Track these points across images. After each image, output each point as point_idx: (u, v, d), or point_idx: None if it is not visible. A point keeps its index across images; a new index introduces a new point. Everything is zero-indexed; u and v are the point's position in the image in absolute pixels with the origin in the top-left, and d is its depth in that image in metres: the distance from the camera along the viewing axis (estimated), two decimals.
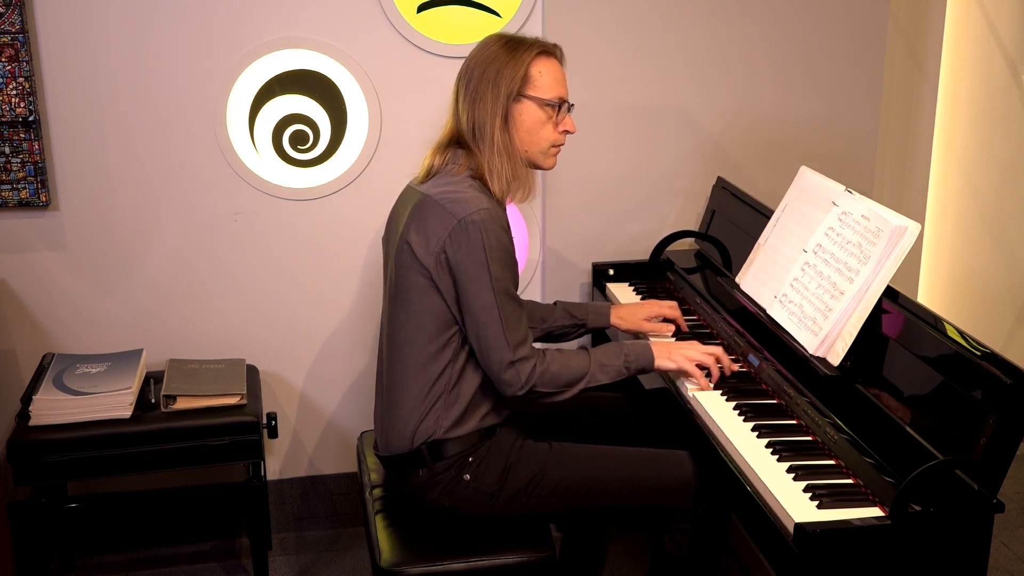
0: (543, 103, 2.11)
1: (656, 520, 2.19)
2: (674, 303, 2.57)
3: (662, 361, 2.20)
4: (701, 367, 2.22)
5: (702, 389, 2.19)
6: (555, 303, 2.53)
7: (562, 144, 2.18)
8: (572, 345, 3.06)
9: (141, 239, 2.81)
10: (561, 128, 2.15)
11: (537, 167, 2.18)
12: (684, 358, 2.20)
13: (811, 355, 2.14)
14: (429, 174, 2.14)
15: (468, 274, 2.01)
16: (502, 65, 2.08)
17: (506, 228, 2.05)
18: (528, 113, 2.10)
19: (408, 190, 2.21)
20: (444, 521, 2.14)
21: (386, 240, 2.25)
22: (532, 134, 2.12)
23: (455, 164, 2.11)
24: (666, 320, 2.54)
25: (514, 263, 2.06)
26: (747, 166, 3.03)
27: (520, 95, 2.09)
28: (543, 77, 2.10)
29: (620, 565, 2.81)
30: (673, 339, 2.49)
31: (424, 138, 2.81)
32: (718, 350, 2.24)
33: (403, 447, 2.12)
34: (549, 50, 2.13)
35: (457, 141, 2.13)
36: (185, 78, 2.72)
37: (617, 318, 2.53)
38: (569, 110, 2.16)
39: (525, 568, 2.07)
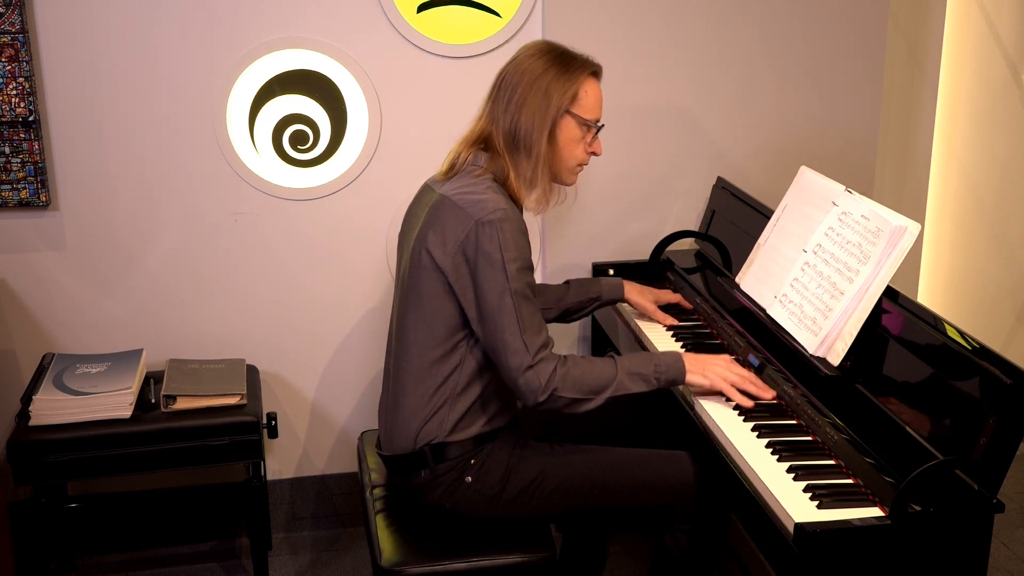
0: (583, 122, 2.12)
1: (657, 520, 2.19)
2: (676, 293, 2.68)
3: (694, 376, 2.12)
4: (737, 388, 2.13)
5: (743, 406, 2.10)
6: (567, 282, 2.57)
7: (586, 163, 2.19)
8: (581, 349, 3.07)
9: (141, 239, 2.81)
10: (591, 149, 2.17)
11: (559, 182, 2.19)
12: (718, 376, 2.12)
13: (811, 355, 2.14)
14: (452, 169, 2.13)
15: (485, 275, 1.98)
16: (554, 78, 2.08)
17: (523, 231, 2.03)
18: (568, 130, 2.12)
19: (426, 189, 2.20)
20: (445, 522, 2.14)
21: (401, 237, 2.24)
22: (566, 150, 2.13)
23: (477, 166, 2.10)
24: (670, 306, 2.64)
25: (530, 266, 2.04)
26: (747, 166, 3.03)
27: (567, 111, 2.10)
28: (588, 97, 2.12)
29: (620, 565, 2.81)
30: (673, 337, 2.50)
31: (424, 138, 2.83)
32: (751, 375, 2.17)
33: (406, 447, 2.12)
34: (598, 72, 2.17)
35: (484, 142, 2.13)
36: (185, 78, 2.72)
37: (630, 292, 2.59)
38: (599, 131, 2.17)
39: (525, 568, 2.07)
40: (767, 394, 2.14)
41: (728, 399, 2.13)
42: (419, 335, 2.09)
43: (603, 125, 2.17)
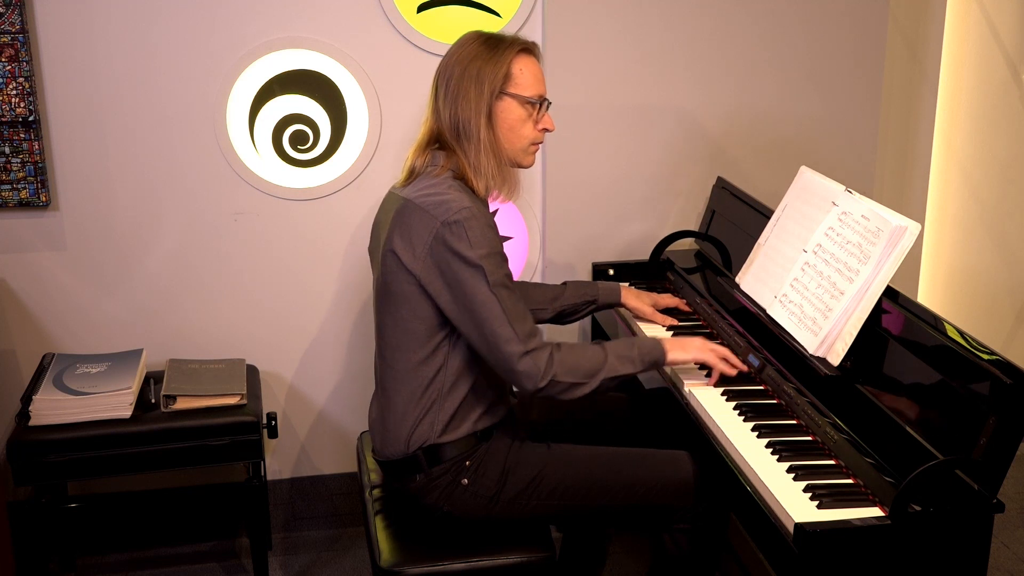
0: (524, 101, 2.10)
1: (656, 520, 2.18)
2: (675, 297, 2.68)
3: (675, 354, 2.17)
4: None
5: (715, 377, 2.19)
6: (564, 283, 2.57)
7: (541, 142, 2.17)
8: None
9: (141, 239, 2.81)
10: (541, 126, 2.14)
11: (517, 165, 2.17)
12: (696, 348, 2.19)
13: (811, 355, 2.14)
14: (411, 176, 2.13)
15: (461, 275, 1.98)
16: (483, 63, 2.07)
17: (491, 225, 2.03)
18: (510, 111, 2.09)
19: (390, 196, 2.18)
20: (444, 524, 2.13)
21: (371, 250, 2.24)
22: (513, 132, 2.11)
23: (435, 166, 2.09)
24: (668, 310, 2.64)
25: (504, 258, 2.04)
26: (747, 166, 3.03)
27: (502, 93, 2.08)
28: (524, 75, 2.10)
29: (620, 565, 2.81)
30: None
31: None
32: (727, 350, 2.24)
33: (399, 452, 2.12)
34: (528, 48, 2.13)
35: (437, 141, 2.12)
36: (185, 78, 2.72)
37: (627, 297, 2.59)
38: (547, 108, 2.15)
39: (525, 568, 2.07)
40: (742, 367, 2.23)
41: (709, 375, 2.22)
42: (399, 339, 2.09)
43: (548, 101, 2.15)
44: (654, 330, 2.56)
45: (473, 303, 1.99)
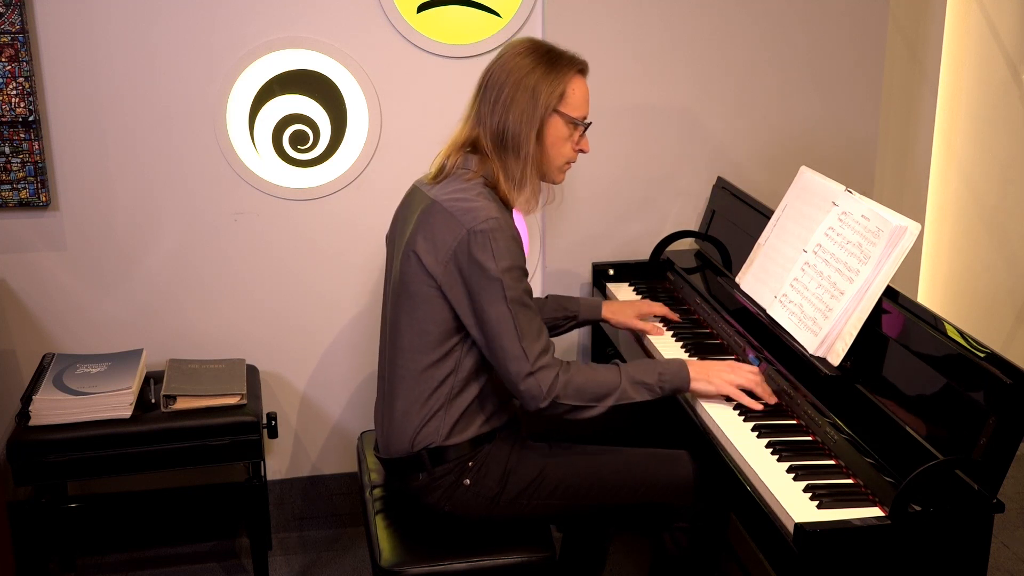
0: (570, 120, 2.11)
1: (656, 519, 2.19)
2: (661, 304, 2.60)
3: (699, 384, 2.12)
4: (743, 389, 2.13)
5: (751, 409, 2.10)
6: (546, 296, 2.54)
7: (574, 161, 2.18)
8: (573, 354, 3.07)
9: (141, 239, 2.81)
10: (578, 147, 2.16)
11: (550, 181, 2.18)
12: (724, 381, 2.13)
13: (811, 355, 2.13)
14: (440, 174, 2.11)
15: (480, 286, 1.98)
16: (541, 78, 2.06)
17: (516, 237, 2.02)
18: (557, 128, 2.10)
19: (416, 191, 2.18)
20: (445, 523, 2.13)
21: (390, 239, 2.23)
22: (555, 148, 2.12)
23: (467, 170, 2.08)
24: (656, 318, 2.58)
25: (525, 272, 2.03)
26: (747, 166, 3.03)
27: (555, 111, 2.08)
28: (576, 95, 2.11)
29: (620, 565, 2.81)
30: (673, 337, 2.50)
31: (424, 138, 2.83)
32: (757, 375, 2.16)
33: (403, 451, 2.12)
34: (584, 69, 2.14)
35: (472, 144, 2.11)
36: (185, 78, 2.72)
37: (609, 312, 2.54)
38: (587, 129, 2.16)
39: (525, 568, 2.07)
40: (772, 399, 2.14)
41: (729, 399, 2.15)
42: (412, 340, 2.08)
43: (590, 123, 2.16)
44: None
45: (488, 316, 1.98)
